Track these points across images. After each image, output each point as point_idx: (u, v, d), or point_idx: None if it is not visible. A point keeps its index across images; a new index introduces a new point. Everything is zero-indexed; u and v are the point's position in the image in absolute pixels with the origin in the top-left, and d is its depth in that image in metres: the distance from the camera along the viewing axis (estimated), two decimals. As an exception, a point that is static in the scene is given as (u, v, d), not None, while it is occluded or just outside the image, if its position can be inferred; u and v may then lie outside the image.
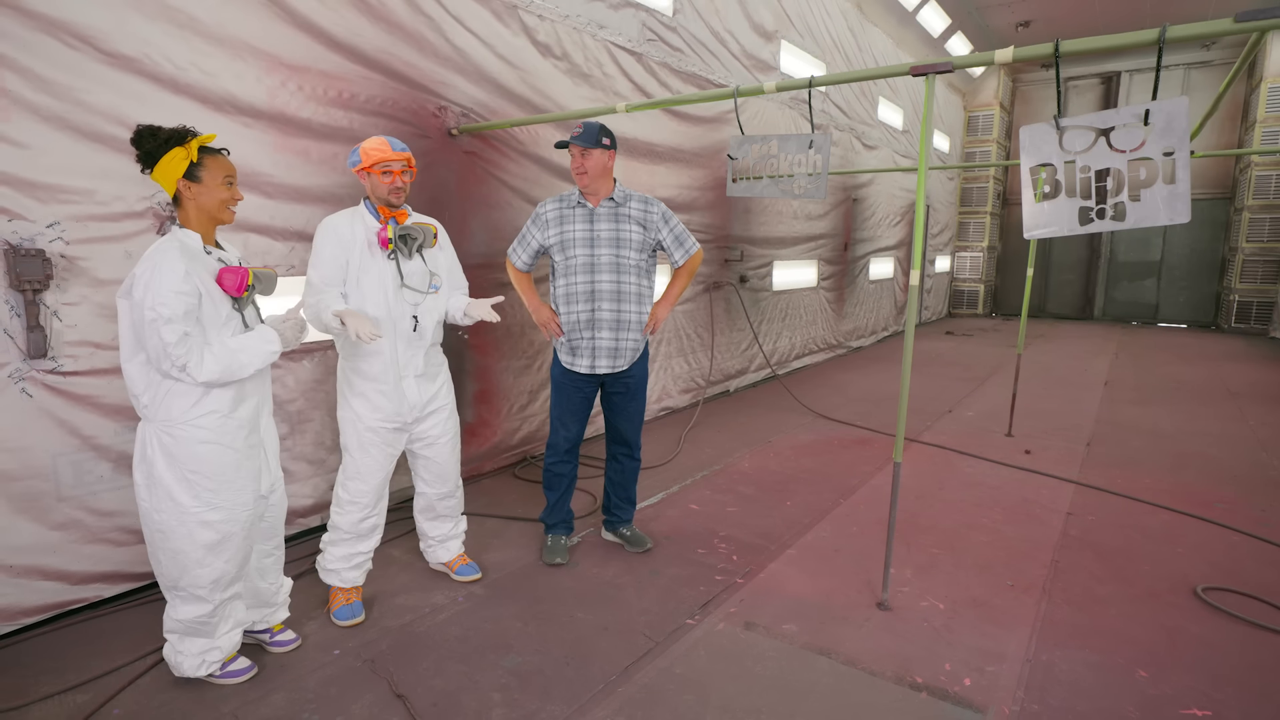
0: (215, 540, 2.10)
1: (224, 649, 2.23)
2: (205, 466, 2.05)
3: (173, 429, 2.03)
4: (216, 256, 2.10)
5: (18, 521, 2.45)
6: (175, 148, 1.98)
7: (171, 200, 2.07)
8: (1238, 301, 11.34)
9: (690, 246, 3.05)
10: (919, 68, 2.37)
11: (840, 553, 3.26)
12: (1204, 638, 2.59)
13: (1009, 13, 10.68)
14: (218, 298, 2.04)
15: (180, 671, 2.20)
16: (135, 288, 1.94)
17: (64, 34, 2.40)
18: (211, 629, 2.19)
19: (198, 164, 2.02)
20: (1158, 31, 1.99)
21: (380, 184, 2.55)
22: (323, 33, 3.16)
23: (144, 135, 1.99)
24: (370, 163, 2.53)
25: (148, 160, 1.99)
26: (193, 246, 2.04)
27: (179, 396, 2.02)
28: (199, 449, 2.04)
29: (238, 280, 2.06)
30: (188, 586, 2.12)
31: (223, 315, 2.05)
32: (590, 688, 2.26)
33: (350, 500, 2.65)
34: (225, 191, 2.08)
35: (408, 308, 2.63)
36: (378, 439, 2.64)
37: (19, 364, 2.41)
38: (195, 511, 2.06)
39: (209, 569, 2.11)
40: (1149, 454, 4.85)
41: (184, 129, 2.02)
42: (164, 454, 2.03)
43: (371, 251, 2.55)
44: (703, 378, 6.22)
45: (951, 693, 2.24)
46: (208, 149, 2.06)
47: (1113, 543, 3.39)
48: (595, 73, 4.70)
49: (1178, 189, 2.03)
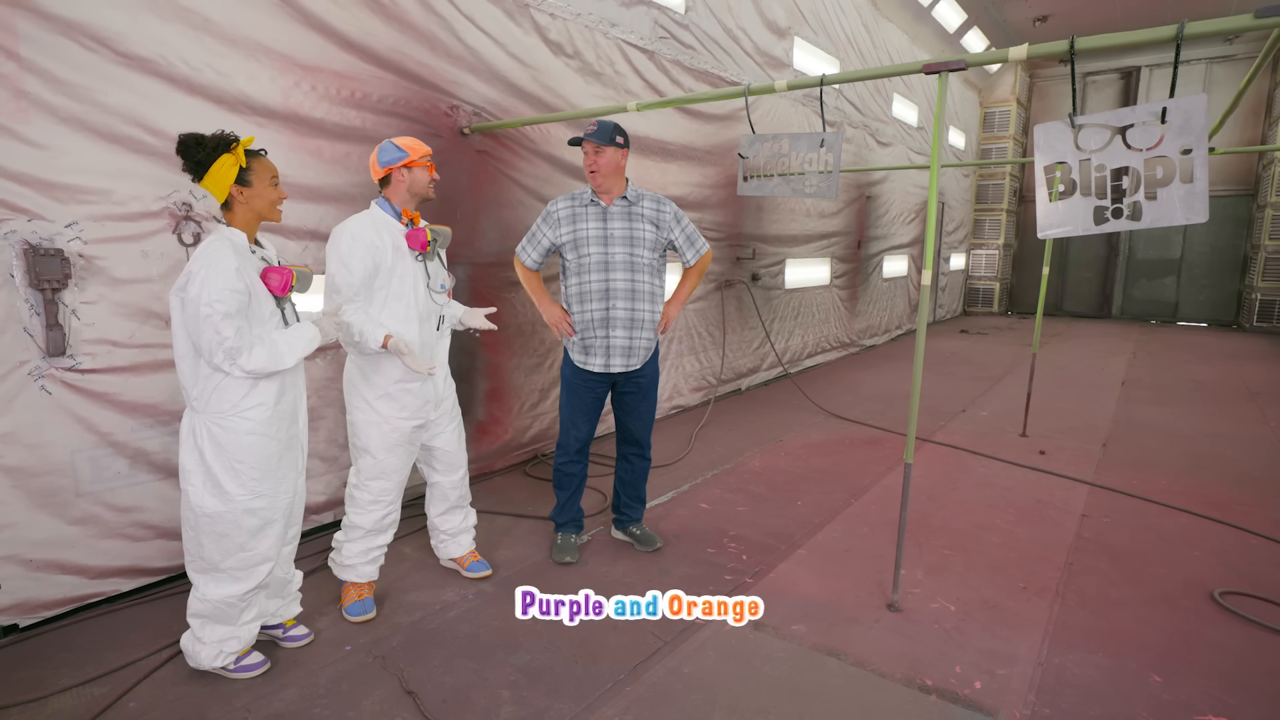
0: (259, 526, 2.20)
1: (243, 639, 2.27)
2: (251, 456, 2.14)
3: (223, 420, 2.11)
4: (260, 255, 2.18)
5: (37, 516, 2.50)
6: (224, 154, 2.04)
7: (222, 205, 2.13)
8: (1260, 300, 11.15)
9: (701, 247, 3.05)
10: (932, 65, 2.34)
11: (851, 553, 3.24)
12: (1220, 642, 2.55)
13: (1026, 7, 10.55)
14: (262, 295, 2.12)
15: (197, 662, 2.24)
16: (190, 285, 2.00)
17: (81, 36, 2.43)
18: (237, 614, 2.24)
19: (246, 168, 2.09)
20: (1176, 28, 1.96)
21: (423, 178, 2.61)
22: (336, 33, 3.18)
23: (191, 145, 2.02)
24: (419, 155, 2.58)
25: (198, 170, 2.04)
26: (241, 245, 2.11)
27: (229, 390, 2.10)
28: (246, 439, 2.12)
29: (282, 280, 2.15)
30: (231, 568, 2.19)
31: (266, 311, 2.13)
32: (599, 686, 2.27)
33: (373, 500, 2.68)
34: (274, 192, 2.17)
35: (435, 308, 2.67)
36: (403, 438, 2.67)
37: (38, 362, 2.45)
38: (241, 499, 2.14)
39: (252, 552, 2.21)
40: (1166, 455, 4.79)
41: (228, 135, 2.07)
42: (213, 444, 2.12)
43: (399, 254, 2.57)
44: (714, 376, 6.21)
45: (962, 695, 2.23)
46: (252, 152, 2.13)
47: (1128, 545, 3.36)
48: (607, 71, 4.69)
49: (1195, 188, 2.00)
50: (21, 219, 2.36)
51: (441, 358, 2.81)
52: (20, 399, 2.42)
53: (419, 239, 2.60)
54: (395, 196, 2.61)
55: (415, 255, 2.62)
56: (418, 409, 2.68)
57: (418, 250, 2.61)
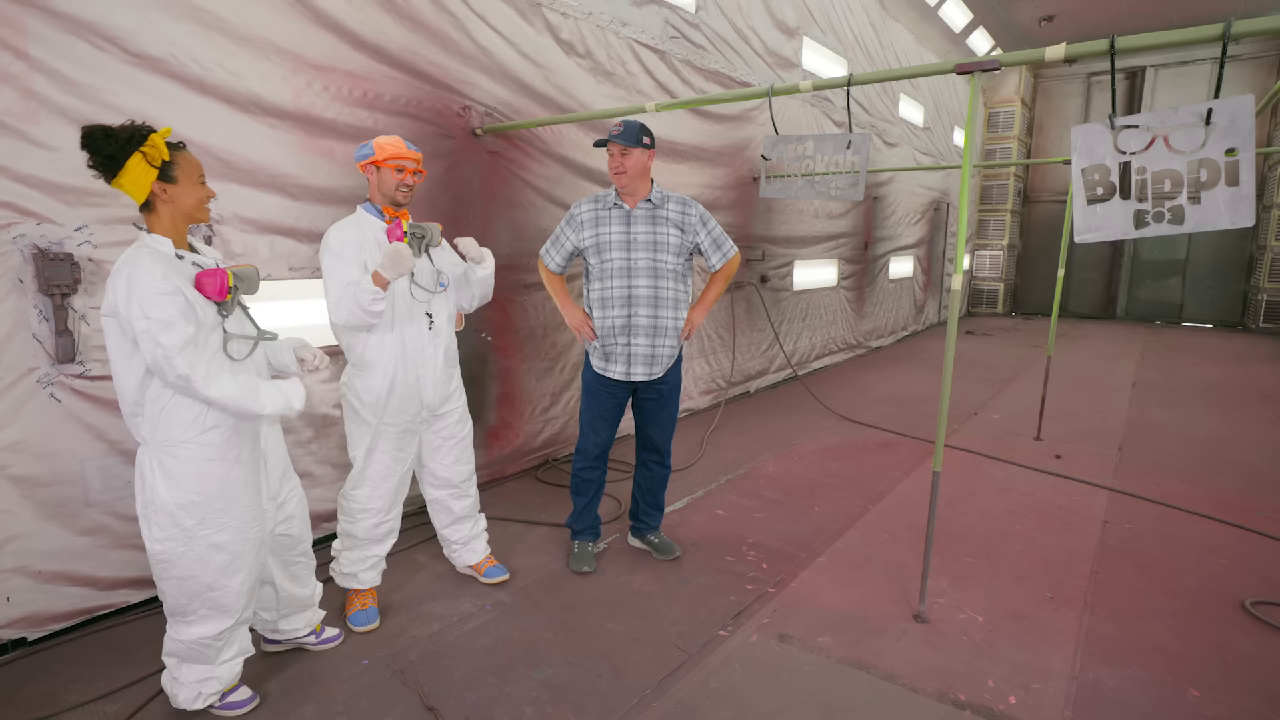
0: (227, 562, 1.99)
1: (222, 679, 2.09)
2: (211, 486, 1.93)
3: (173, 450, 1.89)
4: (191, 260, 1.91)
5: (46, 527, 2.43)
6: (141, 148, 1.78)
7: (141, 206, 1.87)
8: (1266, 301, 11.11)
9: (728, 250, 2.97)
10: (964, 65, 2.29)
11: (872, 561, 3.19)
12: (1255, 655, 2.50)
13: (1032, 7, 10.50)
14: (199, 304, 1.86)
15: (176, 703, 2.07)
16: (118, 303, 1.77)
17: (91, 35, 2.38)
18: (214, 654, 2.05)
19: (171, 162, 1.83)
20: (1222, 26, 1.91)
21: (390, 179, 2.51)
22: (348, 32, 3.12)
23: (98, 137, 1.74)
24: (385, 156, 2.48)
25: (109, 166, 1.77)
26: (165, 252, 1.86)
27: (179, 412, 1.88)
28: (204, 468, 1.91)
29: (218, 283, 1.87)
30: (200, 610, 2.00)
31: (209, 323, 1.88)
32: (624, 702, 2.21)
33: (360, 509, 2.62)
34: (201, 190, 1.92)
35: (420, 306, 2.60)
36: (390, 444, 2.60)
37: (47, 368, 2.39)
38: (203, 535, 1.94)
39: (223, 591, 2.00)
40: (1183, 459, 4.73)
41: (142, 125, 1.80)
42: (165, 477, 1.90)
43: (381, 251, 2.51)
44: (724, 379, 6.16)
45: (997, 711, 2.17)
46: (173, 144, 1.86)
47: (1153, 553, 3.30)
48: (619, 71, 4.63)
49: (1241, 191, 1.94)
50: (30, 222, 2.30)
51: (436, 360, 2.63)
52: (28, 407, 2.36)
53: (395, 234, 2.51)
54: (374, 196, 2.56)
55: None
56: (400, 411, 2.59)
57: None
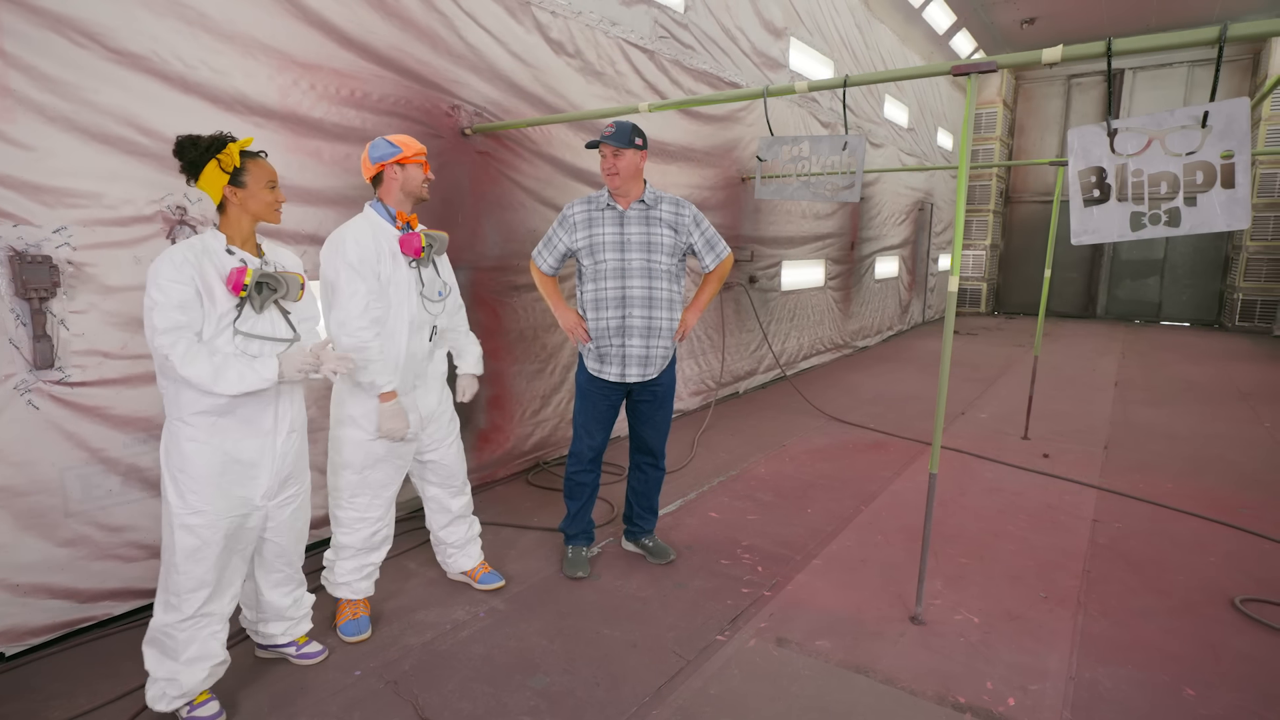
0: (194, 546, 2.01)
1: (184, 685, 2.03)
2: (190, 466, 2.01)
3: (172, 424, 2.03)
4: (240, 257, 2.04)
5: (24, 538, 2.36)
6: (218, 155, 1.99)
7: (217, 207, 2.06)
8: (1242, 300, 11.32)
9: (721, 251, 2.95)
10: (961, 67, 2.28)
11: (867, 563, 3.18)
12: (1248, 653, 2.52)
13: (1014, 9, 10.62)
14: (219, 297, 1.98)
15: (146, 698, 2.06)
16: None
17: (71, 31, 2.30)
18: (176, 648, 2.02)
19: (241, 169, 2.03)
20: (1218, 29, 1.92)
21: (417, 175, 2.48)
22: (335, 29, 3.06)
23: (185, 146, 1.98)
24: (413, 152, 2.46)
25: (192, 170, 1.99)
26: (212, 246, 2.02)
27: (183, 392, 1.99)
28: (186, 446, 2.01)
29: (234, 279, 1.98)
30: (168, 590, 2.03)
31: (216, 314, 1.97)
32: (623, 710, 2.18)
33: (359, 518, 2.57)
34: (270, 195, 2.09)
35: (429, 317, 2.56)
36: (390, 453, 2.56)
37: (25, 375, 2.31)
38: (179, 512, 2.01)
39: (186, 576, 2.01)
40: (1168, 457, 4.79)
41: (224, 135, 2.02)
42: (164, 448, 2.04)
43: (395, 261, 2.46)
44: (714, 380, 6.15)
45: (997, 713, 2.17)
46: (249, 153, 2.07)
47: (1143, 551, 3.33)
48: (608, 70, 4.60)
49: (1237, 193, 1.95)
50: (7, 224, 2.23)
51: (435, 369, 2.68)
52: (5, 414, 2.28)
53: (413, 244, 2.47)
54: (389, 197, 2.49)
55: (409, 261, 2.51)
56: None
57: (411, 256, 2.49)
